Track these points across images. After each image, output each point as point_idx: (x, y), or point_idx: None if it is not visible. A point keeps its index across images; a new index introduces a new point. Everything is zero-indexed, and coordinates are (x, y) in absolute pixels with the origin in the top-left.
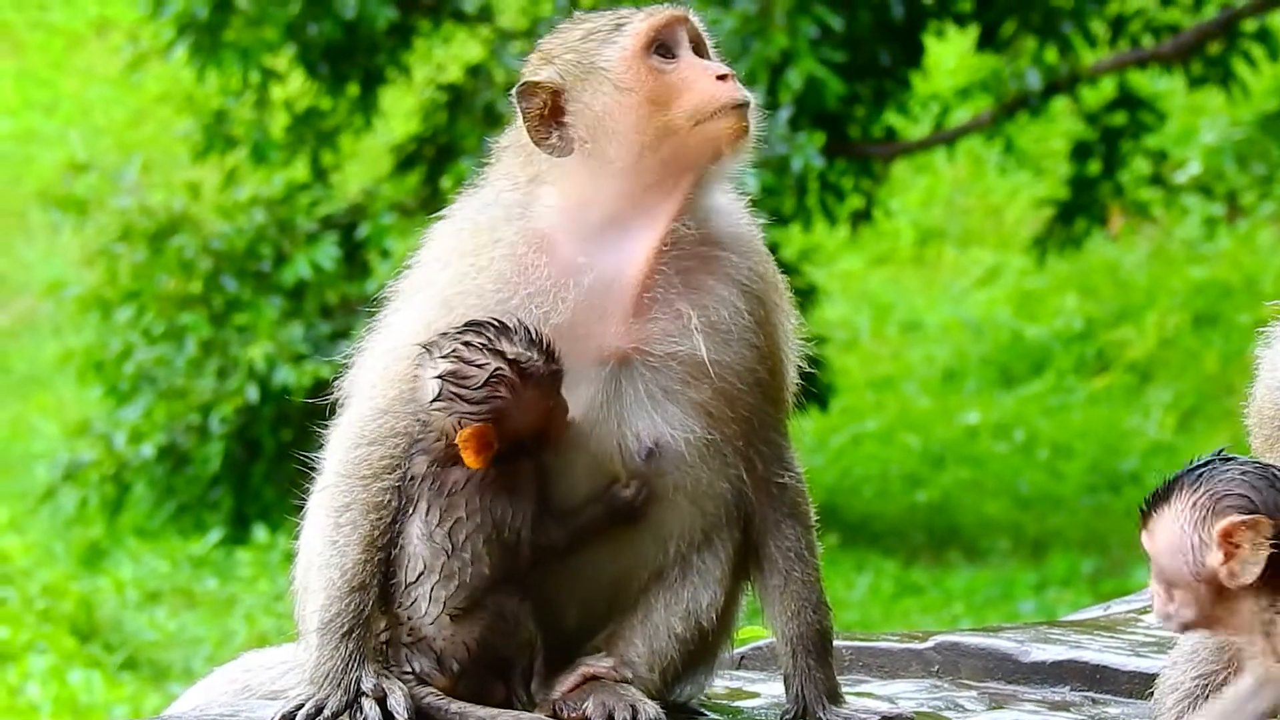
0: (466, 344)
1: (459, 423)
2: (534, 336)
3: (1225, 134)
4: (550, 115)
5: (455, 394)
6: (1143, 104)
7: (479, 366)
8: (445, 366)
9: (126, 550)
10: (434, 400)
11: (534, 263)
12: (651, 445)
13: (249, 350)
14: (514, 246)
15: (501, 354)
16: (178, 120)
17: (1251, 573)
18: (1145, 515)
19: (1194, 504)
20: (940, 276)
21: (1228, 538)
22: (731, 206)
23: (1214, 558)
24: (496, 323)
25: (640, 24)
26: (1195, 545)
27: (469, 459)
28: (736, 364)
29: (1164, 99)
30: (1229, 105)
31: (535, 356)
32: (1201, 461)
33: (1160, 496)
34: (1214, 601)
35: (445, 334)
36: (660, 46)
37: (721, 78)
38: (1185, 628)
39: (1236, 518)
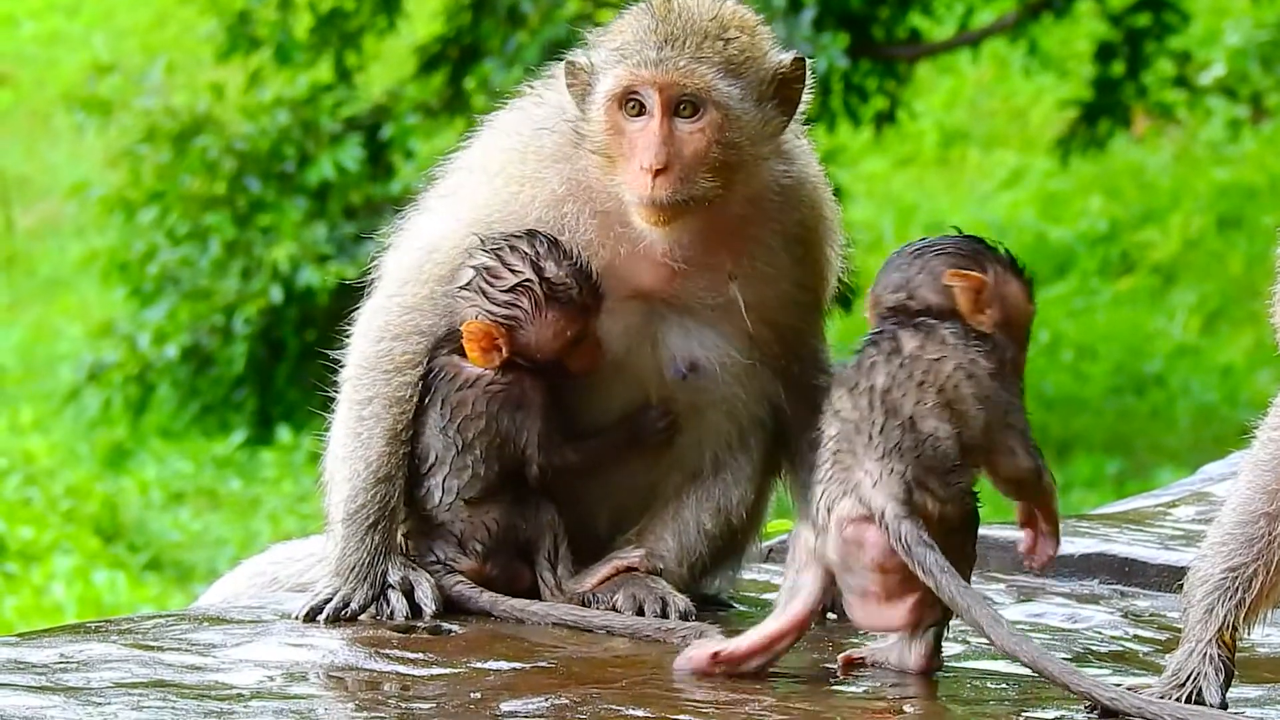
0: (512, 248)
1: (476, 316)
2: (583, 268)
3: (1250, 35)
4: (585, 93)
5: (482, 289)
6: (1167, 5)
7: (512, 271)
8: (484, 260)
9: (150, 451)
10: (464, 286)
11: (572, 212)
12: (685, 369)
13: (273, 251)
14: (555, 192)
15: (539, 269)
16: (202, 21)
17: None
18: None
19: None
20: (964, 178)
21: None
22: (791, 153)
23: None
24: (553, 240)
25: (618, 73)
26: None
27: (471, 354)
28: (776, 300)
29: (1188, 0)
30: (1253, 7)
31: (572, 284)
32: None
33: None
34: None
35: (505, 234)
36: (631, 103)
37: (647, 169)
38: None
39: None
